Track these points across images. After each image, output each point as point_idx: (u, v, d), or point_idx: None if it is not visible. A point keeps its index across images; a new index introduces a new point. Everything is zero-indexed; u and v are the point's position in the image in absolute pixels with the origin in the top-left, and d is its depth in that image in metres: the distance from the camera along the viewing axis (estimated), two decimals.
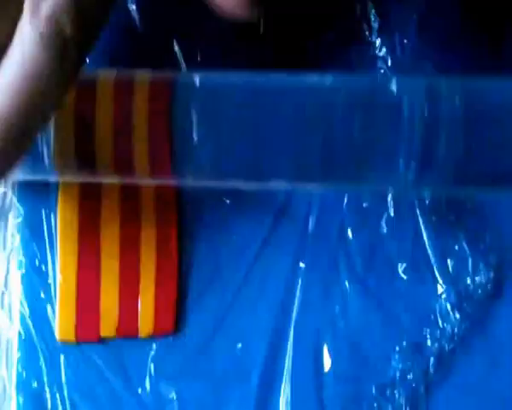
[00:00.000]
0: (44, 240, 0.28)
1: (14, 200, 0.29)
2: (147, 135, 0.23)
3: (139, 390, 0.27)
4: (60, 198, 0.28)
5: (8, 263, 0.29)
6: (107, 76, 0.24)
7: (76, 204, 0.28)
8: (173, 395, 0.27)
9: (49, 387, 0.27)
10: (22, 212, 0.28)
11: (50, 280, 0.28)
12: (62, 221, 0.27)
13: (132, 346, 0.27)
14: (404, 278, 0.28)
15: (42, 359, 0.27)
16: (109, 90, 0.23)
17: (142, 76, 0.24)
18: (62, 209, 0.28)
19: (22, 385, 0.27)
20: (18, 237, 0.28)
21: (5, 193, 0.29)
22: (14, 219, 0.29)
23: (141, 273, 0.27)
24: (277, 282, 0.28)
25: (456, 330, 0.28)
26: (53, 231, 0.28)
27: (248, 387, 0.27)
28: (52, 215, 0.28)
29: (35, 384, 0.27)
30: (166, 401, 0.27)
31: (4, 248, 0.29)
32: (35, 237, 0.28)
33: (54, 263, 0.28)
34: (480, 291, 0.28)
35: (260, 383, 0.27)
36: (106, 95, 0.23)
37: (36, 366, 0.27)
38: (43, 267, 0.28)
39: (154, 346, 0.27)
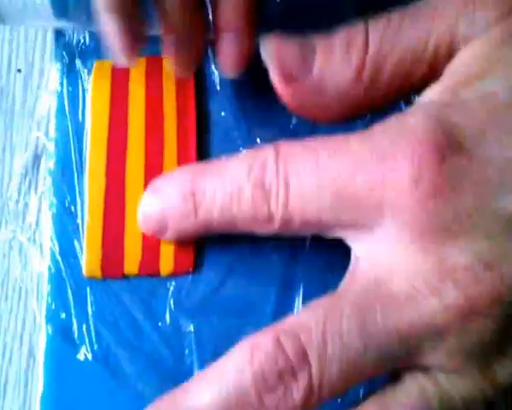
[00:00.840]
0: (74, 183, 0.29)
1: (48, 145, 0.31)
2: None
3: (159, 324, 0.29)
4: (90, 145, 0.30)
5: (40, 204, 0.30)
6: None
7: (103, 152, 0.30)
8: (191, 328, 0.29)
9: (76, 318, 0.28)
10: (54, 157, 0.30)
11: (79, 220, 0.29)
12: (91, 165, 0.29)
13: (154, 282, 0.29)
14: None
15: (70, 292, 0.29)
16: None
17: None
18: (92, 156, 0.30)
19: (51, 316, 0.29)
20: (49, 180, 0.30)
21: (38, 138, 0.31)
22: (46, 163, 0.31)
23: None
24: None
25: None
26: (83, 174, 0.30)
27: (261, 321, 0.28)
28: (82, 160, 0.30)
29: (63, 316, 0.28)
30: (185, 333, 0.28)
31: (36, 189, 0.31)
32: (65, 181, 0.30)
33: (82, 204, 0.29)
34: None
35: (273, 318, 0.28)
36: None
37: (64, 299, 0.29)
38: (73, 208, 0.29)
39: (173, 283, 0.29)
